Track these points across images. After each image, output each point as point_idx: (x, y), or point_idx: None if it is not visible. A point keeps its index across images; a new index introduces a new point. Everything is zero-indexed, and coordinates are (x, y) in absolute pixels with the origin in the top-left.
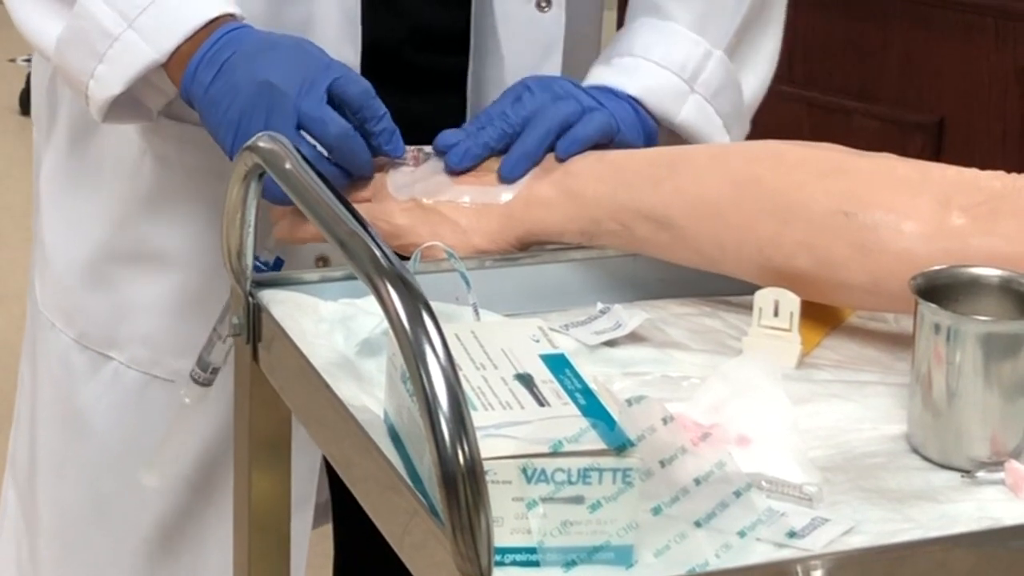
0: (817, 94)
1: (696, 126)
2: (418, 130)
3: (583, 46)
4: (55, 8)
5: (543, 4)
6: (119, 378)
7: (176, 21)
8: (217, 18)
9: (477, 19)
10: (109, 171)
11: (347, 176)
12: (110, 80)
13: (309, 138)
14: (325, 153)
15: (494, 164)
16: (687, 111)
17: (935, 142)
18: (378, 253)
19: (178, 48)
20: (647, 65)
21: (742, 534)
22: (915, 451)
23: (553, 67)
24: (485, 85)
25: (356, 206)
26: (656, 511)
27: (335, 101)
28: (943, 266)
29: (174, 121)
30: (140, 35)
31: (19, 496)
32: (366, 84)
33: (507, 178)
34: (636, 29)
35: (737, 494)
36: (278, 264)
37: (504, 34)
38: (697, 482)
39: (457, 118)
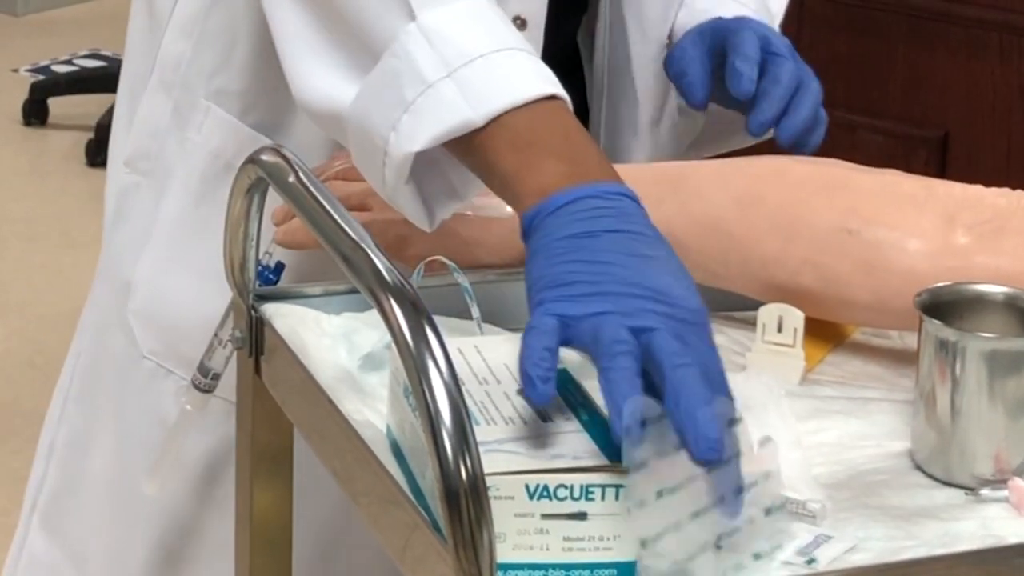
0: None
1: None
2: None
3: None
4: (353, 72)
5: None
6: (211, 412)
7: (505, 86)
8: (553, 99)
9: (608, 66)
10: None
11: None
12: (414, 134)
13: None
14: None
15: None
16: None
17: (940, 157)
18: (381, 267)
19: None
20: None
21: (757, 556)
22: (919, 468)
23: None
24: (618, 131)
25: (360, 217)
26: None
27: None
28: (948, 283)
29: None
30: (460, 88)
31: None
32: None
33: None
34: None
35: (767, 512)
36: (279, 268)
37: (639, 80)
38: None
39: None
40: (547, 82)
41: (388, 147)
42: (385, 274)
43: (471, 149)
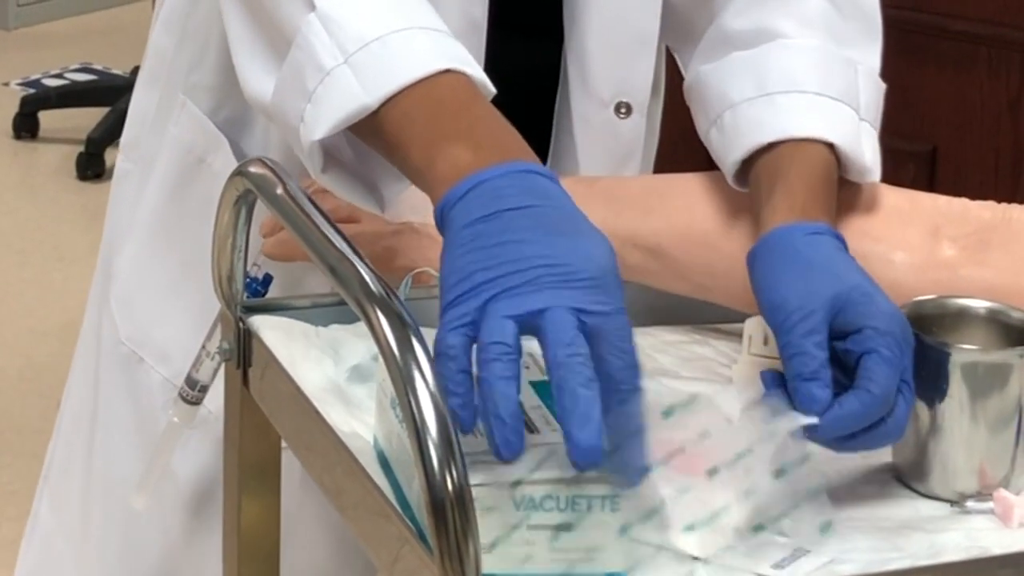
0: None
1: (874, 164)
2: None
3: (650, 143)
4: (274, 66)
5: (622, 111)
6: (207, 426)
7: (399, 65)
8: (448, 73)
9: (558, 122)
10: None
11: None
12: (316, 123)
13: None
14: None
15: None
16: (865, 136)
17: (928, 171)
18: (368, 279)
19: (400, 105)
20: (820, 101)
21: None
22: (901, 480)
23: (632, 172)
24: (571, 150)
25: (347, 228)
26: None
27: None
28: (931, 296)
29: None
30: (355, 72)
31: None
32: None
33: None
34: (770, 56)
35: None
36: (267, 280)
37: (581, 140)
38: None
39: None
40: (443, 58)
41: (300, 138)
42: (372, 285)
43: (376, 134)
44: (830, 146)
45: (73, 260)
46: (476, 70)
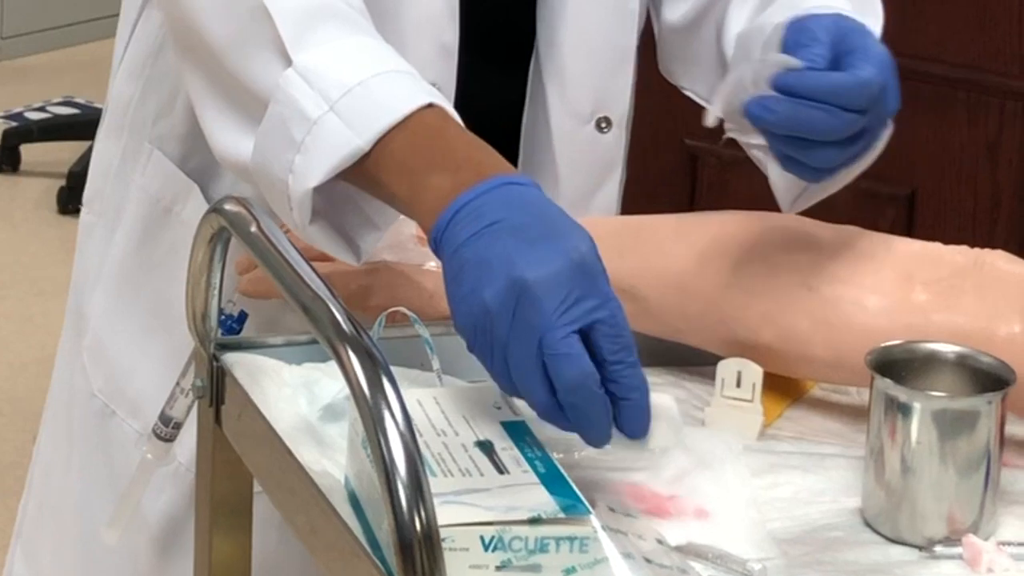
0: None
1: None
2: None
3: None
4: (249, 125)
5: (603, 125)
6: (179, 478)
7: (384, 106)
8: (431, 108)
9: (528, 142)
10: (181, 267)
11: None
12: (308, 171)
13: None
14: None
15: None
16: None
17: (907, 214)
18: (340, 318)
19: (388, 148)
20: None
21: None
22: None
23: (612, 187)
24: (540, 165)
25: (321, 266)
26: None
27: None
28: (899, 341)
29: None
30: (342, 119)
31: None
32: (628, 336)
33: None
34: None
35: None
36: (242, 317)
37: (562, 156)
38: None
39: None
40: (423, 92)
41: (289, 190)
42: (343, 325)
43: (367, 176)
44: None
45: (53, 294)
46: (446, 102)
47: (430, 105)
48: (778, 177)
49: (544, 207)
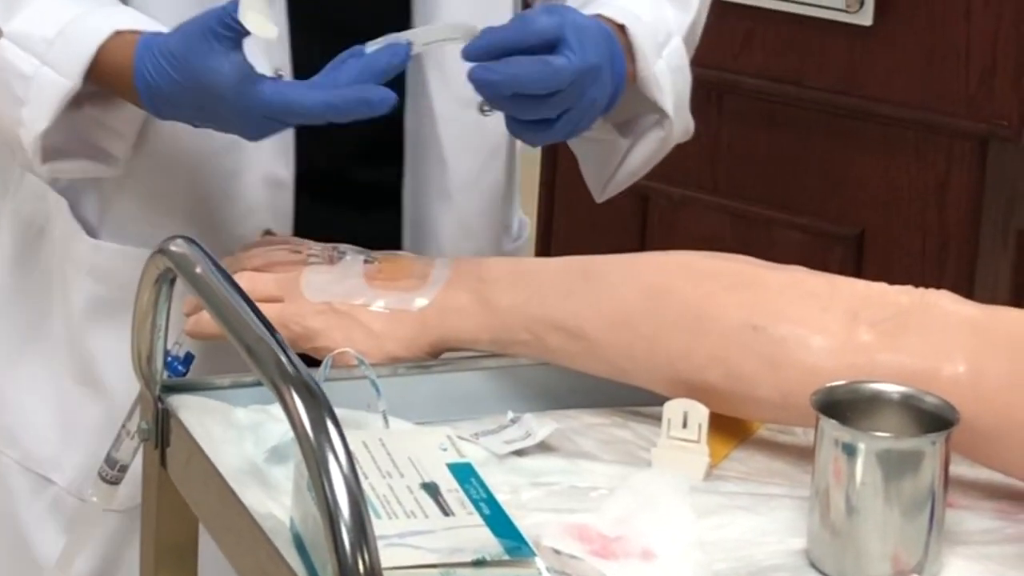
0: (740, 204)
1: (662, 84)
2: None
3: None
4: None
5: (485, 108)
6: (59, 504)
7: (80, 47)
8: (118, 36)
9: (413, 129)
10: (55, 288)
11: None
12: (35, 119)
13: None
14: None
15: (409, 268)
16: (659, 70)
17: (856, 254)
18: (284, 359)
19: (103, 82)
20: (631, 15)
21: None
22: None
23: (498, 169)
24: (424, 197)
25: (268, 308)
26: None
27: None
28: (844, 381)
29: (111, 243)
30: (53, 68)
31: None
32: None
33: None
34: None
35: None
36: (188, 359)
37: (446, 141)
38: None
39: (393, 233)
40: (110, 21)
41: (23, 141)
42: (287, 366)
43: (102, 91)
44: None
45: None
46: (146, 25)
47: (119, 32)
48: (585, 165)
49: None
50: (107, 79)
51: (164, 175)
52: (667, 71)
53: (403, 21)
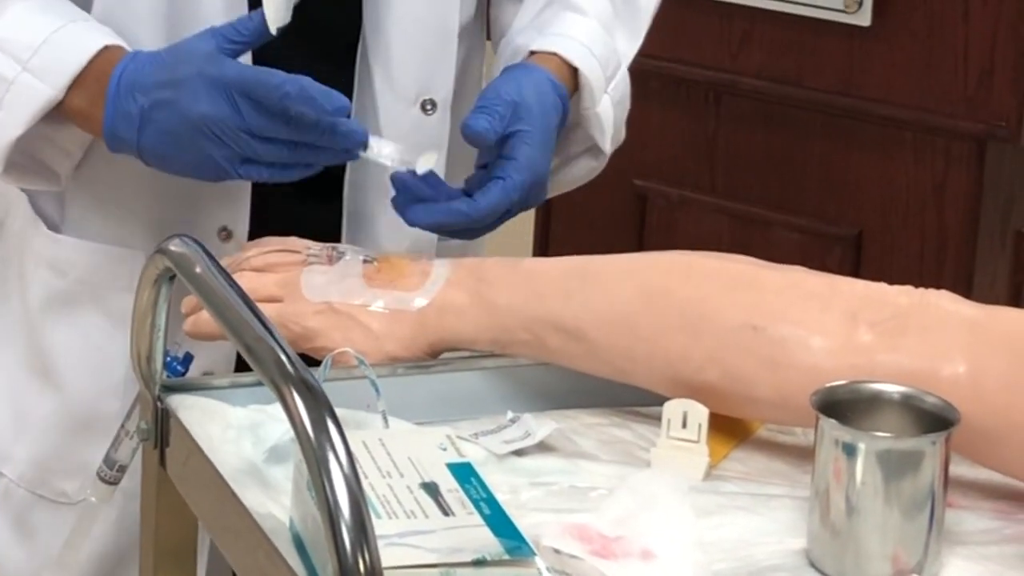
0: (738, 205)
1: (604, 123)
2: (295, 234)
3: (461, 141)
4: None
5: (428, 107)
6: (8, 496)
7: (67, 58)
8: (105, 52)
9: (360, 120)
10: (13, 280)
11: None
12: (9, 124)
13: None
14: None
15: (408, 268)
16: (603, 106)
17: (854, 255)
18: (284, 359)
19: (71, 104)
20: (584, 50)
21: None
22: (814, 566)
23: (438, 168)
24: (364, 190)
25: (268, 307)
26: None
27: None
28: (844, 381)
29: (71, 237)
30: (34, 75)
31: None
32: (275, 78)
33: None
34: (561, 17)
35: None
36: (188, 359)
37: (388, 136)
38: None
39: (334, 223)
40: (98, 36)
41: None
42: (288, 366)
43: (63, 114)
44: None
45: None
46: (119, 41)
47: (106, 47)
48: None
49: (151, 65)
50: (84, 93)
51: (122, 170)
52: (610, 106)
53: (355, 24)
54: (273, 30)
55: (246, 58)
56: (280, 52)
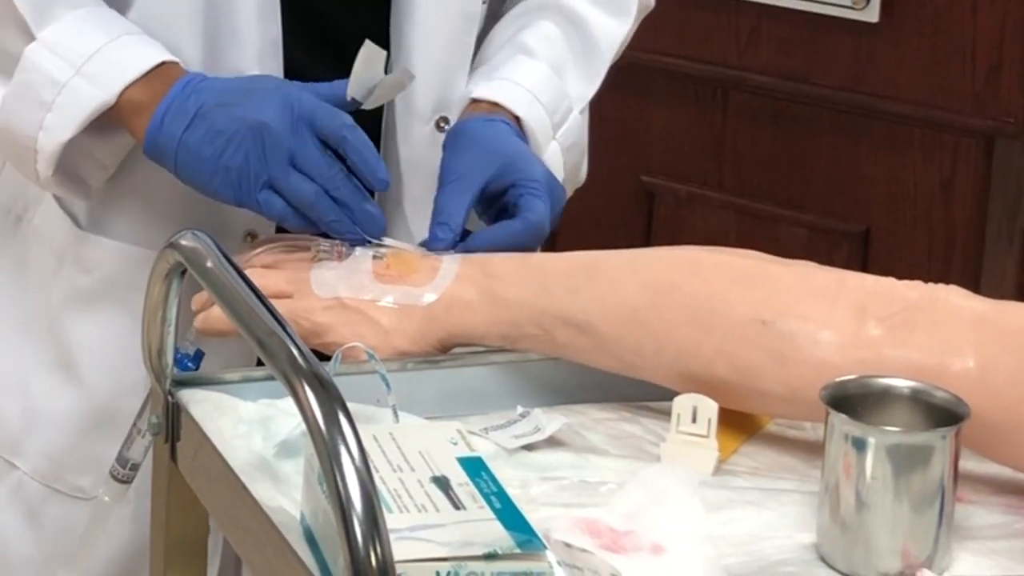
0: (746, 202)
1: (552, 168)
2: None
3: None
4: None
5: (442, 124)
6: (22, 488)
7: (124, 65)
8: (163, 65)
9: (385, 140)
10: (33, 275)
11: (348, 211)
12: (59, 127)
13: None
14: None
15: (417, 263)
16: (550, 153)
17: (862, 251)
18: (296, 353)
19: (128, 96)
20: (529, 97)
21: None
22: (825, 561)
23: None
24: (384, 203)
25: (278, 302)
26: None
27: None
28: (854, 376)
29: (99, 236)
30: (88, 80)
31: None
32: (345, 118)
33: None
34: (512, 61)
35: None
36: (199, 356)
37: (405, 154)
38: None
39: None
40: (156, 54)
41: (37, 145)
42: (300, 360)
43: (111, 122)
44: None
45: None
46: (174, 58)
47: (163, 63)
48: None
49: (227, 81)
50: (146, 88)
51: (154, 174)
52: (559, 152)
53: (384, 29)
54: (348, 97)
55: (278, 71)
56: (305, 63)
